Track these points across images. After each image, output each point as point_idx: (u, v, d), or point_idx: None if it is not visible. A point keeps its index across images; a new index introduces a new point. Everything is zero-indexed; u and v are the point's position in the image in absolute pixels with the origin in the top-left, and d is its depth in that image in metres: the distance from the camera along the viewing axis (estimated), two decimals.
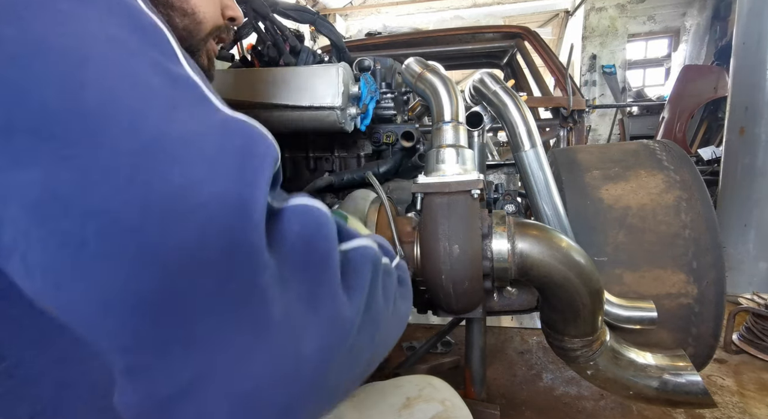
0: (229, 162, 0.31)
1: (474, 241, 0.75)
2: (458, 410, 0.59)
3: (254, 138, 0.33)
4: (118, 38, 0.30)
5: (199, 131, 0.31)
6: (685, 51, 7.19)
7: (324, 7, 7.58)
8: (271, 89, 0.98)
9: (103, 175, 0.27)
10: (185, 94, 0.32)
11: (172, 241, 0.27)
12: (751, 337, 1.81)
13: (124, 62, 0.30)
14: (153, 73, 0.31)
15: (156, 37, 0.33)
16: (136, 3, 0.34)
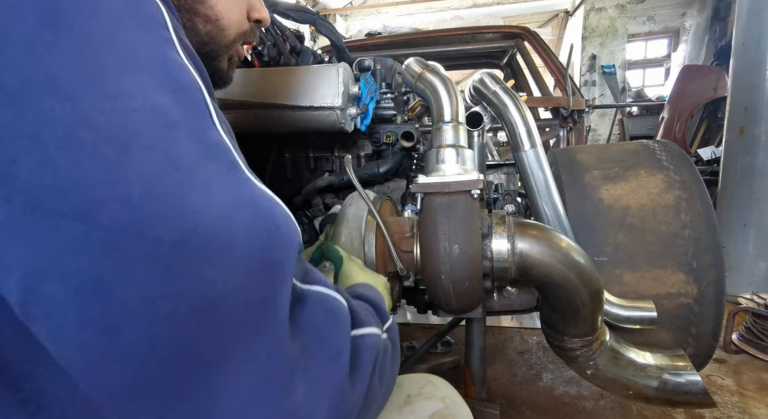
0: (256, 256, 0.33)
1: (474, 241, 0.75)
2: (458, 407, 0.59)
3: (280, 225, 0.36)
4: (159, 108, 0.32)
5: (228, 214, 0.32)
6: (685, 51, 7.20)
7: (324, 7, 7.58)
8: (271, 89, 0.98)
9: (145, 266, 0.28)
10: (219, 164, 0.34)
11: (203, 331, 0.30)
12: (751, 337, 1.81)
13: (166, 141, 0.31)
14: (191, 145, 0.33)
15: (194, 98, 0.35)
16: (176, 56, 0.35)
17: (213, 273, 0.31)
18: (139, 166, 0.29)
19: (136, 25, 0.33)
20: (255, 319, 0.32)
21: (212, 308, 0.30)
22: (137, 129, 0.30)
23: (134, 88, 0.31)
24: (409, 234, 0.84)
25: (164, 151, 0.31)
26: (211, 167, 0.33)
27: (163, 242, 0.29)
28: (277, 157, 1.22)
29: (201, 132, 0.34)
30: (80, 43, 0.30)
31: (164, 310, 0.29)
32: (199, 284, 0.30)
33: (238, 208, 0.33)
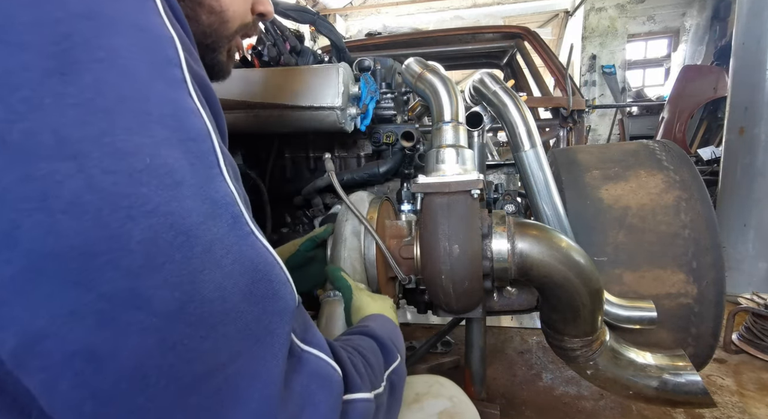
0: (251, 326, 0.33)
1: (474, 241, 0.75)
2: (465, 406, 0.61)
3: (276, 290, 0.36)
4: (166, 166, 0.31)
5: (225, 283, 0.32)
6: (685, 51, 7.19)
7: (324, 7, 7.58)
8: (271, 89, 0.98)
9: (139, 337, 0.28)
10: (221, 222, 0.34)
11: (193, 403, 0.30)
12: (751, 337, 1.81)
13: (171, 203, 0.31)
14: (195, 205, 0.32)
15: (202, 147, 0.34)
16: (188, 101, 0.35)
17: (207, 345, 0.31)
18: (141, 234, 0.29)
19: (150, 71, 0.33)
20: (245, 393, 0.33)
21: (204, 381, 0.31)
22: (142, 192, 0.30)
23: (143, 144, 0.31)
24: (408, 239, 0.83)
25: (167, 215, 0.30)
26: (213, 227, 0.33)
27: (158, 313, 0.29)
28: (277, 157, 1.22)
29: (207, 186, 0.34)
30: (91, 95, 0.30)
31: (156, 382, 0.29)
32: (190, 359, 0.30)
33: (237, 274, 0.33)
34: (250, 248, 0.35)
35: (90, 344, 0.28)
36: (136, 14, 0.33)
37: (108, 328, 0.28)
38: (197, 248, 0.31)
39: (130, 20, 0.33)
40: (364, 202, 0.87)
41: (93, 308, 0.28)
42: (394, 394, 0.52)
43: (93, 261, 0.28)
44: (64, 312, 0.27)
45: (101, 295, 0.28)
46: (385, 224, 0.84)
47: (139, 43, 0.33)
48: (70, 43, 0.30)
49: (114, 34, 0.31)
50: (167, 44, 0.35)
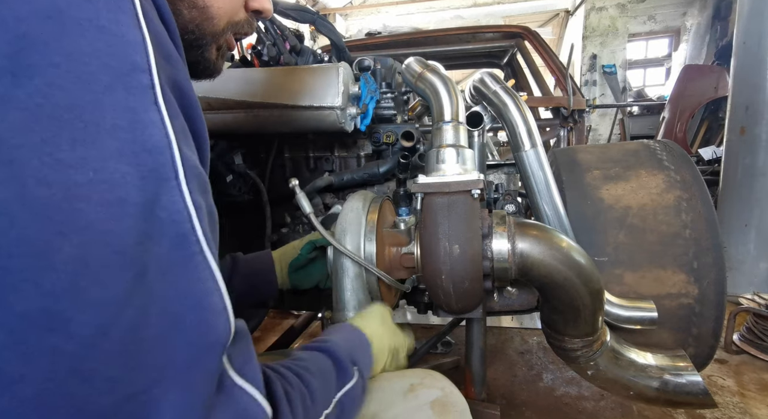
0: (176, 361, 0.32)
1: (474, 241, 0.74)
2: (456, 397, 0.64)
3: (210, 321, 0.34)
4: (110, 182, 0.30)
5: (156, 311, 0.31)
6: (686, 51, 7.19)
7: (324, 7, 7.58)
8: (271, 89, 0.98)
9: (50, 363, 0.27)
10: (159, 246, 0.32)
11: None
12: (752, 337, 1.81)
13: (107, 223, 0.29)
14: (135, 225, 0.30)
15: (157, 160, 0.32)
16: (150, 110, 0.33)
17: (124, 375, 0.30)
18: (70, 252, 0.27)
19: (110, 78, 0.31)
20: None
21: (115, 411, 0.29)
22: (78, 208, 0.28)
23: (88, 157, 0.29)
24: (407, 248, 0.83)
25: (103, 233, 0.29)
26: (152, 247, 0.31)
27: (75, 338, 0.27)
28: (277, 157, 1.22)
29: (154, 204, 0.31)
30: (39, 100, 0.28)
31: (64, 411, 0.28)
32: (103, 390, 0.29)
33: (169, 300, 0.32)
34: (189, 272, 0.33)
35: (2, 367, 0.26)
36: (105, 15, 0.31)
37: (17, 349, 0.26)
38: (130, 271, 0.30)
39: (96, 22, 0.31)
40: (365, 205, 0.87)
41: (4, 327, 0.26)
42: (343, 417, 0.52)
43: (11, 277, 0.26)
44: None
45: (15, 313, 0.26)
46: (383, 234, 0.84)
47: (102, 47, 0.31)
48: (26, 43, 0.28)
49: (76, 37, 0.30)
50: (135, 48, 0.33)
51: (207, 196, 0.37)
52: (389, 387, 0.65)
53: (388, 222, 0.86)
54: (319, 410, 0.48)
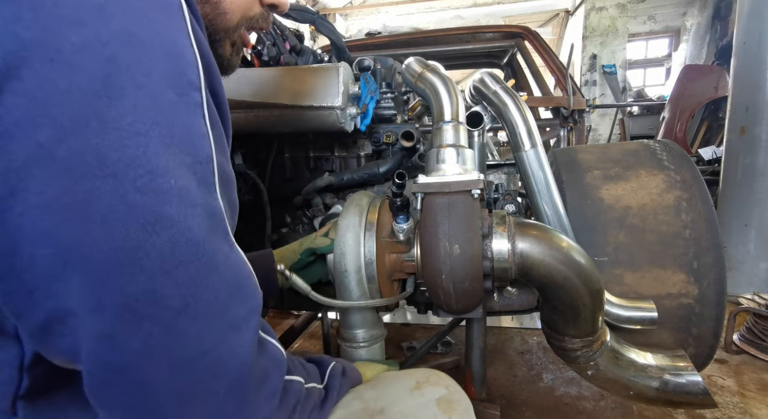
0: (236, 321, 0.40)
1: (474, 241, 0.74)
2: (460, 395, 0.66)
3: (254, 292, 0.43)
4: (185, 189, 0.37)
5: (221, 286, 0.39)
6: (686, 51, 7.19)
7: (324, 7, 7.57)
8: (271, 89, 0.98)
9: (150, 327, 0.35)
10: (218, 236, 0.40)
11: (183, 378, 0.37)
12: (752, 337, 1.81)
13: (188, 220, 0.36)
14: (203, 222, 0.38)
15: (206, 170, 0.39)
16: (201, 125, 0.39)
17: (201, 335, 0.37)
18: (162, 245, 0.34)
19: (175, 97, 0.36)
20: (227, 366, 0.39)
21: (194, 361, 0.37)
22: (166, 211, 0.34)
23: (168, 167, 0.35)
24: (408, 255, 0.84)
25: (185, 230, 0.35)
26: (215, 239, 0.39)
27: (169, 308, 0.34)
28: (277, 157, 1.22)
29: (209, 205, 0.39)
30: (130, 120, 0.33)
31: (158, 361, 0.35)
32: (186, 345, 0.36)
33: (228, 278, 0.40)
34: (236, 256, 0.42)
35: (108, 328, 0.33)
36: (168, 36, 0.36)
37: (125, 319, 0.33)
38: (204, 257, 0.37)
39: (162, 45, 0.36)
40: (363, 208, 0.87)
41: (115, 303, 0.33)
42: (327, 395, 0.59)
43: (118, 266, 0.33)
44: (90, 304, 0.33)
45: (124, 292, 0.33)
46: (382, 243, 0.84)
47: (168, 68, 0.36)
48: (114, 66, 0.33)
49: (150, 60, 0.35)
50: (191, 68, 0.38)
51: (231, 191, 0.44)
52: (396, 383, 0.66)
53: (387, 222, 0.86)
54: (303, 377, 0.55)
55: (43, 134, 0.31)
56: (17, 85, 0.30)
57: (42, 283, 0.32)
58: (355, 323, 0.89)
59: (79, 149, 0.31)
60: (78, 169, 0.31)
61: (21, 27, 0.30)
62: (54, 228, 0.31)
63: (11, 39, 0.30)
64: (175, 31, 0.37)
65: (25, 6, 0.31)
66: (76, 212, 0.32)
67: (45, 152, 0.31)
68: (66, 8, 0.32)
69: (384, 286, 0.85)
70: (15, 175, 0.31)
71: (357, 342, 0.89)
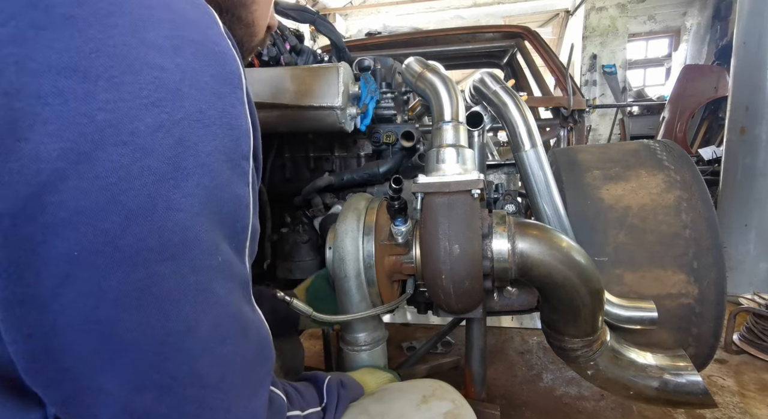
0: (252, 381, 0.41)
1: (474, 241, 0.74)
2: (466, 409, 0.66)
3: (270, 354, 0.44)
4: (227, 264, 0.37)
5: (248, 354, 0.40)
6: (686, 51, 7.18)
7: (324, 7, 7.57)
8: (271, 89, 0.98)
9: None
10: (246, 299, 0.41)
11: None
12: (752, 337, 1.81)
13: (234, 296, 0.38)
14: (240, 292, 0.39)
15: (241, 231, 0.40)
16: (245, 194, 0.39)
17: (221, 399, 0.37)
18: (208, 324, 0.35)
19: (230, 172, 0.36)
20: None
21: None
22: (212, 287, 0.35)
23: (217, 243, 0.35)
24: (407, 257, 0.84)
25: (226, 306, 0.37)
26: (246, 309, 0.40)
27: (205, 384, 0.35)
28: (277, 157, 1.22)
29: (243, 274, 0.40)
30: (191, 201, 0.33)
31: None
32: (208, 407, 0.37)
33: (254, 350, 0.41)
34: (257, 319, 0.42)
35: (143, 407, 0.33)
36: (230, 111, 0.36)
37: (163, 399, 0.34)
38: (240, 329, 0.38)
39: (224, 119, 0.36)
40: (360, 210, 0.87)
41: (157, 384, 0.33)
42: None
43: (165, 348, 0.33)
44: (130, 386, 0.33)
45: (167, 374, 0.33)
46: (380, 247, 0.84)
47: (227, 142, 0.36)
48: (182, 147, 0.32)
49: (212, 137, 0.34)
50: (245, 138, 0.38)
51: (255, 243, 0.43)
52: (402, 397, 0.66)
53: (386, 224, 0.86)
54: (300, 410, 0.55)
55: (109, 222, 0.30)
56: (87, 169, 0.29)
57: (78, 365, 0.31)
58: (356, 326, 0.89)
59: (143, 235, 0.31)
60: (140, 255, 0.31)
61: (95, 108, 0.29)
62: (105, 317, 0.31)
63: (84, 120, 0.29)
64: (237, 104, 0.37)
65: (101, 86, 0.29)
66: (132, 300, 0.31)
67: (108, 240, 0.30)
68: (145, 89, 0.31)
69: (384, 288, 0.85)
70: (69, 265, 0.29)
71: (359, 345, 0.89)
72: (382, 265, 0.84)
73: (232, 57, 0.37)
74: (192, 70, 0.33)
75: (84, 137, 0.29)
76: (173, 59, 0.32)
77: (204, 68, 0.34)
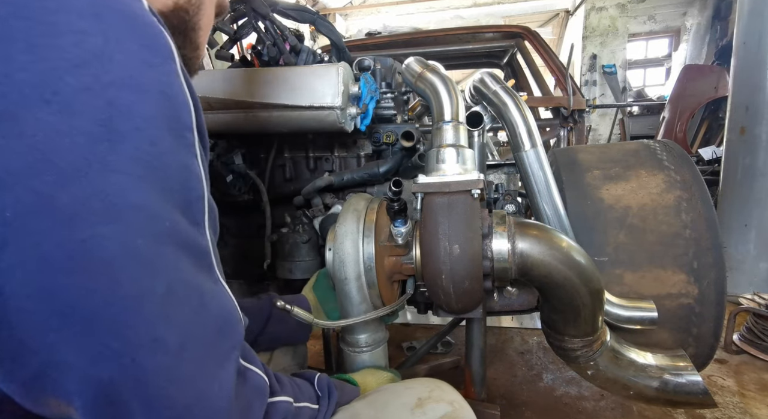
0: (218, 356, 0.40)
1: (474, 241, 0.74)
2: (465, 411, 0.62)
3: (236, 328, 0.43)
4: (180, 230, 0.37)
5: (208, 323, 0.39)
6: (686, 51, 7.18)
7: (324, 7, 7.57)
8: (271, 89, 0.98)
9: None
10: (205, 272, 0.40)
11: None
12: (752, 337, 1.81)
13: (185, 261, 0.37)
14: (195, 260, 0.39)
15: (198, 209, 0.39)
16: (195, 165, 0.39)
17: (185, 365, 0.37)
18: (161, 288, 0.34)
19: (172, 139, 0.36)
20: (210, 394, 0.39)
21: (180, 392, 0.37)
22: (164, 252, 0.35)
23: (166, 211, 0.35)
24: (407, 258, 0.84)
25: (178, 270, 0.36)
26: (200, 276, 0.39)
27: (170, 351, 0.35)
28: (277, 157, 1.22)
29: (199, 243, 0.39)
30: (132, 164, 0.33)
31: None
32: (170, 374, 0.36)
33: (214, 315, 0.40)
34: (221, 291, 0.42)
35: (109, 379, 0.33)
36: (164, 80, 0.36)
37: (127, 368, 0.33)
38: (196, 295, 0.37)
39: (159, 88, 0.36)
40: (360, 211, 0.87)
41: (118, 353, 0.32)
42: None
43: (120, 314, 0.32)
44: (90, 355, 0.32)
45: (127, 342, 0.33)
46: (380, 248, 0.84)
47: (165, 111, 0.36)
48: (115, 111, 0.32)
49: (148, 103, 0.34)
50: (185, 109, 0.38)
51: (215, 221, 0.44)
52: (396, 400, 0.63)
53: (386, 224, 0.86)
54: (291, 397, 0.55)
55: (42, 182, 0.29)
56: (10, 127, 0.29)
57: (34, 336, 0.31)
58: (357, 327, 0.89)
59: (81, 196, 0.30)
60: (79, 216, 0.30)
61: (15, 69, 0.29)
62: (50, 283, 0.30)
63: (4, 80, 0.29)
64: (171, 75, 0.37)
65: (19, 48, 0.29)
66: (75, 264, 0.31)
67: (43, 201, 0.30)
68: (67, 52, 0.31)
69: (384, 289, 0.85)
70: (5, 228, 0.29)
71: (360, 347, 0.89)
72: (382, 266, 0.84)
73: (161, 32, 0.37)
74: (117, 37, 0.33)
75: (4, 96, 0.29)
76: (96, 25, 0.32)
77: (130, 36, 0.34)
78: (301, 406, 0.55)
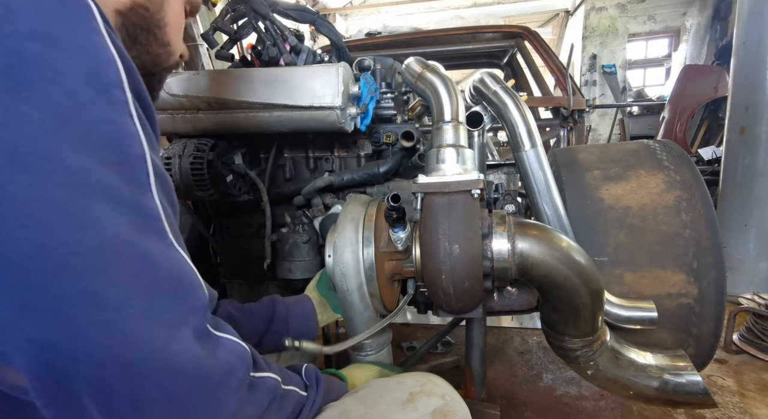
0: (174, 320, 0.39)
1: (474, 241, 0.74)
2: (458, 405, 0.61)
3: (195, 291, 0.42)
4: (108, 185, 0.35)
5: (161, 284, 0.38)
6: (686, 51, 7.19)
7: (324, 7, 7.57)
8: (271, 89, 0.98)
9: (93, 330, 0.34)
10: (150, 237, 0.39)
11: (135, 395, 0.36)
12: (752, 337, 1.81)
13: (113, 217, 0.35)
14: (131, 222, 0.37)
15: (136, 168, 0.38)
16: (128, 123, 0.38)
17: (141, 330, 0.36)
18: (91, 241, 0.33)
19: (93, 93, 0.35)
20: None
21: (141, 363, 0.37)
22: (89, 206, 0.34)
23: (88, 164, 0.34)
24: (407, 261, 0.84)
25: (109, 226, 0.35)
26: (147, 239, 0.38)
27: (109, 308, 0.34)
28: (277, 157, 1.22)
29: (141, 204, 0.38)
30: (42, 114, 0.32)
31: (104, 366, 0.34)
32: (131, 340, 0.35)
33: (167, 278, 0.39)
34: (175, 255, 0.41)
35: (45, 335, 0.32)
36: (81, 34, 0.35)
37: (61, 324, 0.32)
38: (136, 254, 0.36)
39: (76, 42, 0.35)
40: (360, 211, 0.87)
41: (48, 307, 0.32)
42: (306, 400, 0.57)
43: (44, 266, 0.31)
44: (20, 310, 0.31)
45: (55, 295, 0.32)
46: (380, 254, 0.84)
47: (84, 65, 0.35)
48: (18, 59, 0.31)
49: (62, 55, 0.34)
50: (110, 66, 0.37)
51: (169, 192, 0.43)
52: (387, 396, 0.61)
53: (385, 227, 0.86)
54: (279, 375, 0.54)
55: None
56: None
57: None
58: (361, 331, 0.88)
59: None
60: None
61: None
62: None
63: None
64: (90, 31, 0.36)
65: None
66: None
67: None
68: None
69: (384, 290, 0.85)
70: None
71: (365, 351, 0.89)
72: (382, 270, 0.84)
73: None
74: None
75: None
76: None
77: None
78: (289, 389, 0.54)
